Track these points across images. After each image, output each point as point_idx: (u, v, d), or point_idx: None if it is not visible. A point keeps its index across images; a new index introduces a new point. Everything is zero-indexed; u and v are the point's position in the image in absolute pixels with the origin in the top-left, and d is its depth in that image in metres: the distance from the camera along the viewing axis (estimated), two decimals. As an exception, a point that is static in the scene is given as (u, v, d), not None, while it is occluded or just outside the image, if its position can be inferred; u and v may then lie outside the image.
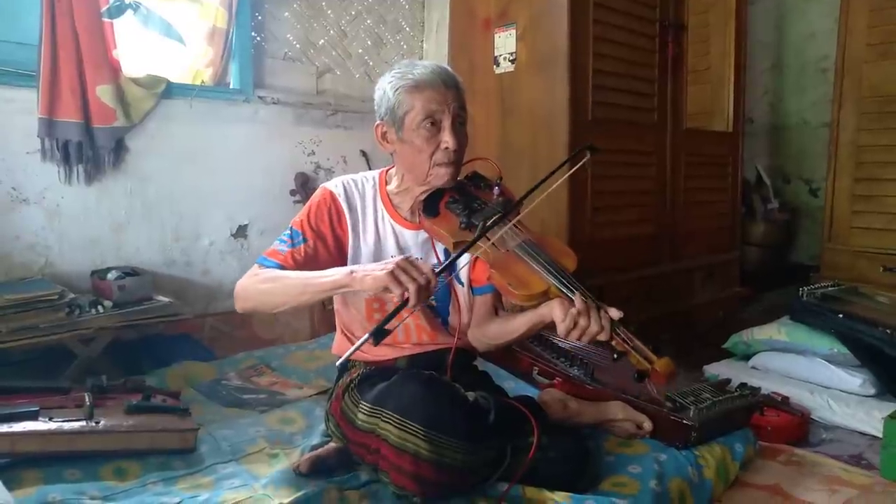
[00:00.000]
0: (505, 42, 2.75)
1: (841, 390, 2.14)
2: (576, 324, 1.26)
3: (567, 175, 1.42)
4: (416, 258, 1.38)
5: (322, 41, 2.85)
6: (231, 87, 2.57)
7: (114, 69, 2.19)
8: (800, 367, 2.25)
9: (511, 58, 2.73)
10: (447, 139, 1.40)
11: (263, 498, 1.34)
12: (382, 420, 1.33)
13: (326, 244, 1.46)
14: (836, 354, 2.18)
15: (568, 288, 1.29)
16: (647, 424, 1.67)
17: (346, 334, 1.62)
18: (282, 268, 1.40)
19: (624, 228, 2.80)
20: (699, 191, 3.20)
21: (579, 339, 1.27)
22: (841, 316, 2.23)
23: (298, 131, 2.71)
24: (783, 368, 2.29)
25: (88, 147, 2.14)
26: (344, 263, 1.48)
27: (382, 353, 1.56)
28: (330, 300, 1.80)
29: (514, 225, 1.39)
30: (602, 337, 1.25)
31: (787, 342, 2.31)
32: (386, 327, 1.19)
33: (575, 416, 1.69)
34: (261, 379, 2.03)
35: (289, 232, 1.45)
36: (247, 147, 2.56)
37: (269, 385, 1.99)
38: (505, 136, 2.76)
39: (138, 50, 2.36)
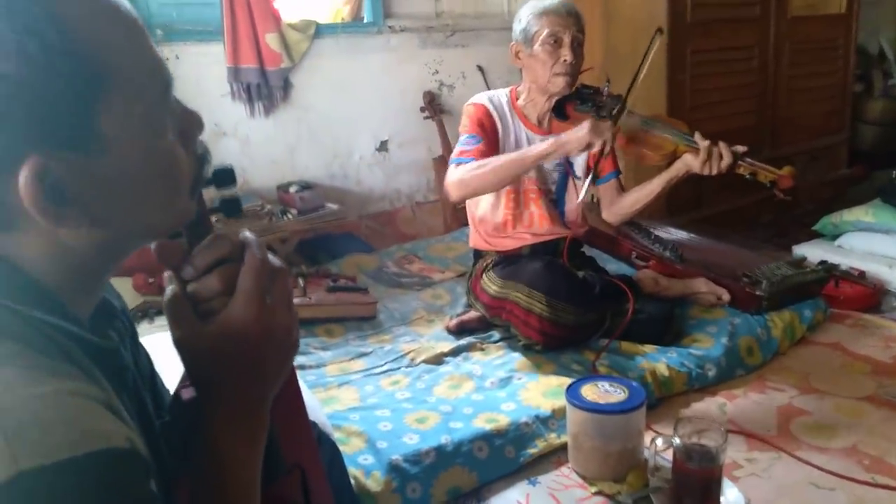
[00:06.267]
0: (608, -50, 2.91)
1: (919, 265, 2.36)
2: (708, 157, 1.72)
3: (649, 59, 1.77)
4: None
5: (437, -36, 3.15)
6: (365, 21, 2.98)
7: (276, 18, 2.66)
8: (882, 245, 2.44)
9: (614, -35, 2.90)
10: (566, 53, 1.81)
11: (429, 347, 1.89)
12: (514, 290, 1.82)
13: (491, 141, 1.87)
14: (918, 233, 2.39)
15: (691, 141, 1.76)
16: (726, 296, 2.05)
17: (478, 231, 2.09)
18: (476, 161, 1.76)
19: (723, 122, 2.99)
20: (804, 77, 3.28)
21: (712, 171, 1.74)
22: (930, 197, 2.41)
23: (423, 54, 3.09)
24: (867, 247, 2.49)
25: (264, 87, 2.67)
26: None
27: (509, 244, 2.02)
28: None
29: (630, 111, 1.82)
30: (728, 161, 1.71)
31: (873, 223, 2.50)
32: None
33: (664, 291, 2.09)
34: (412, 266, 2.57)
35: (465, 138, 1.85)
36: (382, 73, 2.99)
37: (419, 271, 2.53)
38: (608, 44, 2.99)
39: (289, -3, 2.81)
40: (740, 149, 1.74)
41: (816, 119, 3.42)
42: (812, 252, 2.53)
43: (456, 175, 1.75)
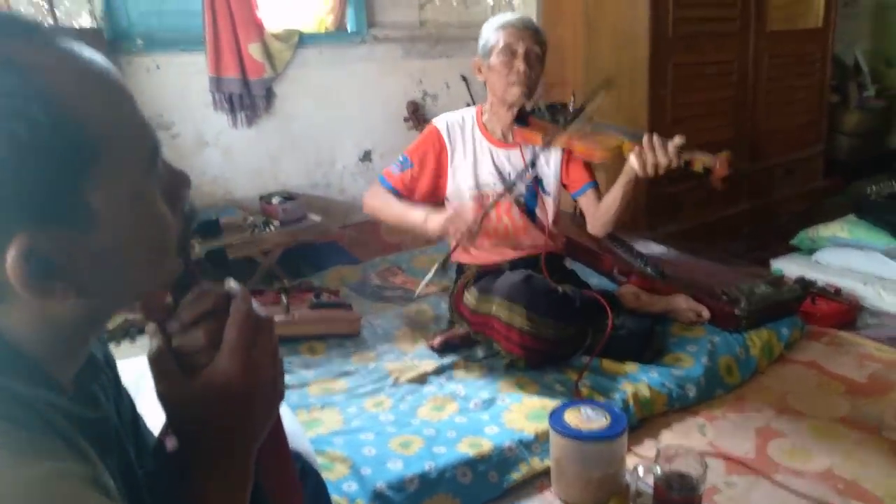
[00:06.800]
0: (591, -38, 2.92)
1: (893, 280, 2.40)
2: (647, 159, 1.75)
3: (595, 104, 1.87)
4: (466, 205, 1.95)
5: (422, -30, 3.14)
6: (349, 30, 2.96)
7: (259, 28, 2.63)
8: (858, 261, 2.50)
9: (597, -22, 2.92)
10: (519, 64, 1.87)
11: (414, 366, 1.89)
12: (495, 305, 1.84)
13: (426, 170, 1.97)
14: (892, 249, 2.43)
15: (636, 138, 1.78)
16: (706, 313, 2.07)
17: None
18: (394, 189, 1.95)
19: (703, 135, 3.02)
20: (782, 90, 3.32)
21: (655, 171, 1.75)
22: (904, 214, 2.46)
23: (407, 63, 3.09)
24: (843, 262, 2.53)
25: (247, 97, 2.64)
26: (441, 186, 2.00)
27: (491, 258, 2.03)
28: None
29: (589, 120, 1.89)
30: (672, 164, 1.74)
31: (849, 238, 2.56)
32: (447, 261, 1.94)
33: (646, 306, 2.11)
34: (395, 279, 2.57)
35: (401, 158, 1.99)
36: (366, 82, 2.99)
37: (403, 283, 2.53)
38: (590, 55, 3.01)
39: (273, 6, 2.78)
40: (677, 139, 1.75)
41: (794, 131, 3.47)
42: (789, 267, 2.57)
43: (371, 195, 1.98)
